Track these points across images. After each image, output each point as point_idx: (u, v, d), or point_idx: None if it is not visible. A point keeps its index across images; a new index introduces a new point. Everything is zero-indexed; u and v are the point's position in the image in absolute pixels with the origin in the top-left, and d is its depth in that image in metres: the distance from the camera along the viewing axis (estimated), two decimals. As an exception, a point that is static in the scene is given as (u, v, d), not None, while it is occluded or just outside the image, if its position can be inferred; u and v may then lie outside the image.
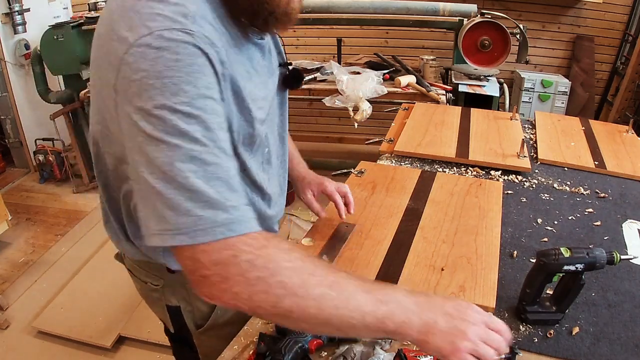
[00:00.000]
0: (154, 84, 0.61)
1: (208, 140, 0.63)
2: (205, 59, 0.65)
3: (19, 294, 2.55)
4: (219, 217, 0.62)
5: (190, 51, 0.63)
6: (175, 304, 1.01)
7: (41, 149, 3.65)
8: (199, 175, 0.62)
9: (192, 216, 0.61)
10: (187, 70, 0.62)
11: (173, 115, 0.61)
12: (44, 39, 3.20)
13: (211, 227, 0.61)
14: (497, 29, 2.63)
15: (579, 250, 0.90)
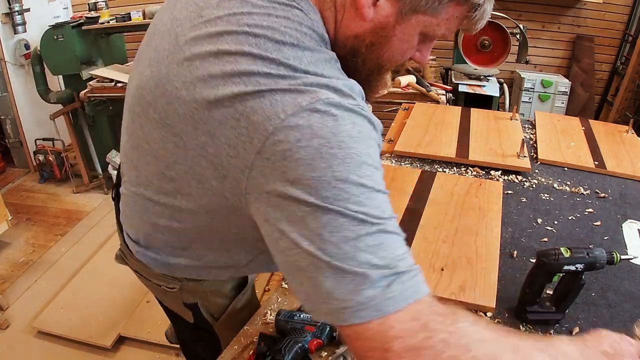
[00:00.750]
0: (336, 154, 0.55)
1: (386, 214, 0.58)
2: (377, 134, 0.62)
3: (19, 294, 2.55)
4: (406, 286, 0.56)
5: (367, 126, 0.60)
6: (193, 301, 1.00)
7: (41, 149, 3.65)
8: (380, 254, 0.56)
9: (375, 288, 0.54)
10: (367, 144, 0.58)
11: (357, 188, 0.56)
12: (44, 39, 3.20)
13: (397, 295, 0.55)
14: (497, 29, 2.63)
15: (579, 250, 0.90)
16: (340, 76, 0.63)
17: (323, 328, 0.88)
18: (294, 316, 0.91)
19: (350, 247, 0.54)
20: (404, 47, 0.70)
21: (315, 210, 0.54)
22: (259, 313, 0.99)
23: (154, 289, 1.03)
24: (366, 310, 0.54)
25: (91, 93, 3.07)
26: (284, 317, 0.91)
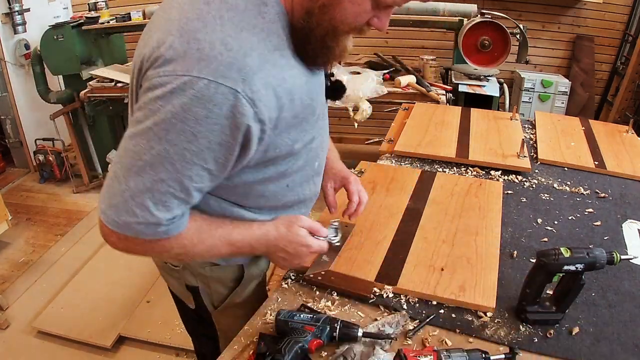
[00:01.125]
0: (176, 124, 0.69)
1: (192, 185, 0.75)
2: (233, 121, 0.70)
3: (19, 294, 2.55)
4: (149, 230, 0.77)
5: (222, 112, 0.69)
6: (194, 284, 1.06)
7: (41, 149, 3.65)
8: (168, 203, 0.75)
9: (126, 223, 0.76)
10: (210, 129, 0.69)
11: (177, 156, 0.71)
12: (44, 39, 3.20)
13: (151, 233, 0.77)
14: (497, 29, 2.63)
15: (579, 250, 0.90)
16: None
17: (323, 328, 0.88)
18: (294, 316, 0.91)
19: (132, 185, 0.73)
20: (356, 10, 0.75)
21: (136, 145, 0.72)
22: (259, 313, 0.99)
23: (162, 268, 1.10)
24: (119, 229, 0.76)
25: (91, 93, 3.07)
26: (284, 317, 0.91)
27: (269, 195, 0.92)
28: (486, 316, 0.96)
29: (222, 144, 0.72)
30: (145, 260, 2.74)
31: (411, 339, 0.91)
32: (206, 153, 0.72)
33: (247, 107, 0.69)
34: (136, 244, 0.79)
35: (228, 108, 0.69)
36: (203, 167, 0.73)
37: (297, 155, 0.88)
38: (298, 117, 0.82)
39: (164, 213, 0.75)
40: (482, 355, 0.82)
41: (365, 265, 1.08)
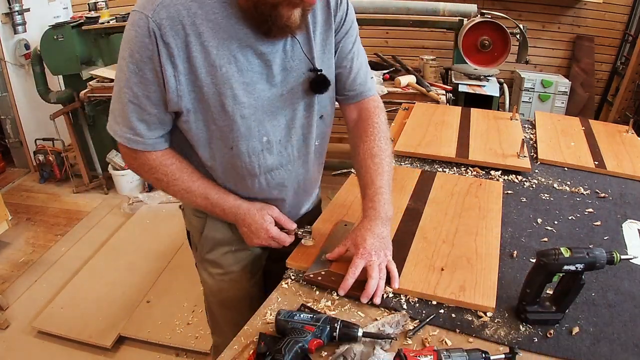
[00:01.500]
0: (124, 45, 0.95)
1: (140, 91, 0.96)
2: (153, 40, 0.90)
3: (19, 294, 2.55)
4: (126, 134, 1.02)
5: (141, 31, 0.90)
6: (188, 228, 1.32)
7: (41, 149, 3.65)
8: (126, 109, 0.99)
9: (117, 125, 1.03)
10: (139, 45, 0.91)
11: (126, 67, 0.94)
12: (44, 39, 3.20)
13: (120, 135, 1.03)
14: (497, 29, 2.63)
15: (579, 250, 0.90)
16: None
17: (323, 328, 0.88)
18: (294, 316, 0.91)
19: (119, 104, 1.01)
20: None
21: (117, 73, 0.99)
22: (259, 313, 0.99)
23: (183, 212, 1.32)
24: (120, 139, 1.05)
25: (91, 93, 3.07)
26: (284, 317, 0.91)
27: (217, 153, 1.05)
28: (486, 316, 0.96)
29: (151, 58, 0.92)
30: (145, 260, 2.75)
31: (411, 339, 0.91)
32: (141, 64, 0.93)
33: (155, 29, 0.89)
34: (132, 157, 1.06)
35: (145, 29, 0.90)
36: (142, 75, 0.94)
37: (231, 115, 0.99)
38: (217, 68, 0.94)
39: (137, 124, 1.00)
40: (482, 355, 0.82)
41: (365, 265, 1.08)
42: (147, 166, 1.07)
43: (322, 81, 1.05)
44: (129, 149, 1.05)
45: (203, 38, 0.92)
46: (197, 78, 0.95)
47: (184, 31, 0.91)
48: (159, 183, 1.09)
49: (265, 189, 1.12)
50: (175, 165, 1.07)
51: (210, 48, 0.93)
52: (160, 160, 1.06)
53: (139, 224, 3.19)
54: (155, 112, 0.99)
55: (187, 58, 0.93)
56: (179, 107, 0.98)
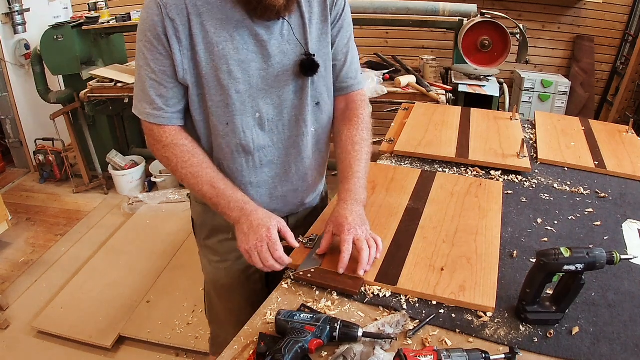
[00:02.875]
0: (139, 27, 1.05)
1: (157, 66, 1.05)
2: (161, 17, 1.00)
3: (19, 294, 2.55)
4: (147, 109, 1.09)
5: (152, 11, 1.01)
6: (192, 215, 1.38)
7: (41, 149, 3.65)
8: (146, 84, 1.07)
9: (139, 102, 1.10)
10: (150, 23, 1.02)
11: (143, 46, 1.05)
12: (44, 39, 3.20)
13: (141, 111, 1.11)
14: (497, 29, 2.63)
15: (579, 250, 0.90)
16: None
17: (323, 328, 0.88)
18: (294, 316, 0.91)
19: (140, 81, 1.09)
20: None
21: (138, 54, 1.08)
22: (259, 313, 0.99)
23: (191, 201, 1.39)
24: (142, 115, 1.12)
25: (91, 93, 3.07)
26: (284, 317, 0.91)
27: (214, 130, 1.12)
28: (486, 316, 0.96)
29: (158, 33, 1.01)
30: (145, 260, 2.75)
31: (411, 339, 0.91)
32: (154, 41, 1.02)
33: (162, 7, 1.00)
34: (150, 133, 1.12)
35: (154, 8, 1.00)
36: (157, 51, 1.03)
37: (227, 89, 1.06)
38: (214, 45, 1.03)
39: (156, 98, 1.07)
40: (482, 355, 0.82)
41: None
42: (160, 143, 1.11)
43: (310, 64, 1.11)
44: (149, 125, 1.11)
45: (202, 18, 1.02)
46: (196, 54, 1.04)
47: (186, 10, 1.01)
48: (169, 163, 1.12)
49: (258, 167, 1.18)
50: (187, 147, 1.11)
51: (209, 27, 1.02)
52: (173, 137, 1.11)
53: (139, 224, 3.19)
54: (172, 86, 1.07)
55: (189, 35, 1.02)
56: (184, 81, 1.06)
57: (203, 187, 1.11)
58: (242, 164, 1.16)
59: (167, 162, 1.13)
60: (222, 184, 1.11)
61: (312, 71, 1.12)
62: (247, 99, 1.09)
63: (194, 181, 1.11)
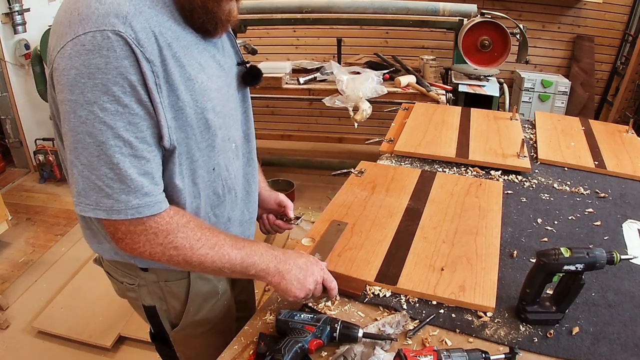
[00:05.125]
0: (86, 83, 0.71)
1: (132, 135, 0.76)
2: (134, 61, 0.73)
3: (19, 294, 2.55)
4: (132, 202, 0.78)
5: (117, 54, 0.71)
6: (151, 303, 1.07)
7: (41, 149, 3.65)
8: (119, 166, 0.76)
9: (110, 199, 0.77)
10: (114, 73, 0.72)
11: (102, 112, 0.73)
12: (44, 39, 3.21)
13: (124, 209, 0.78)
14: (497, 29, 2.63)
15: (579, 250, 0.90)
16: None
17: (323, 328, 0.88)
18: (294, 316, 0.91)
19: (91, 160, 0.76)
20: None
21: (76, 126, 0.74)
22: (259, 313, 0.99)
23: (120, 291, 1.13)
24: (99, 211, 0.78)
25: (91, 93, 3.07)
26: (284, 317, 0.91)
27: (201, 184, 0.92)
28: (486, 316, 0.96)
29: (133, 85, 0.74)
30: (145, 260, 2.75)
31: (411, 339, 0.91)
32: (125, 98, 0.74)
33: (134, 45, 0.72)
34: (138, 233, 0.81)
35: (121, 49, 0.71)
36: (130, 112, 0.75)
37: (213, 130, 0.89)
38: (193, 81, 0.83)
39: (141, 181, 0.78)
40: (482, 355, 0.82)
41: (365, 265, 1.09)
42: (162, 234, 0.82)
43: (256, 71, 1.02)
44: (137, 222, 0.80)
45: (173, 50, 0.79)
46: (178, 99, 0.80)
47: (157, 43, 0.76)
48: (178, 253, 0.84)
49: (235, 199, 1.04)
50: (191, 221, 0.86)
51: (182, 59, 0.81)
52: (175, 219, 0.84)
53: (139, 224, 3.18)
54: (154, 155, 0.80)
55: (166, 77, 0.78)
56: (169, 142, 0.81)
57: (227, 256, 0.88)
58: (227, 203, 1.01)
59: (175, 253, 0.84)
60: (243, 241, 0.92)
61: (258, 79, 1.02)
62: (225, 132, 0.94)
63: (217, 257, 0.87)
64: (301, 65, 3.07)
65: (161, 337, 1.16)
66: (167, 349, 1.18)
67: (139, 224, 0.80)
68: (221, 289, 1.12)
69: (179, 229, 0.84)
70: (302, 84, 2.83)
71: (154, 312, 1.08)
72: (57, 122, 0.83)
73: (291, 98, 2.93)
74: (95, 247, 1.00)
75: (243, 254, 0.89)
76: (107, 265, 1.09)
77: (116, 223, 0.80)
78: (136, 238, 0.81)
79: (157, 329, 1.12)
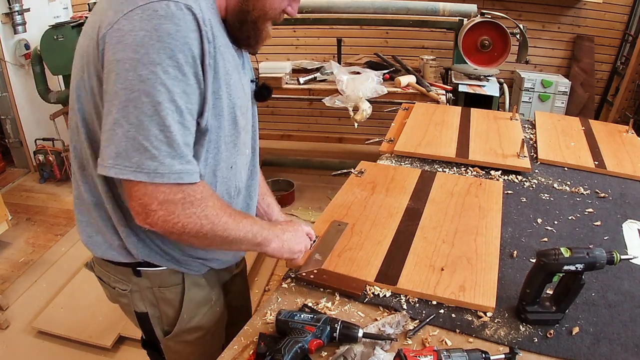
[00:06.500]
0: (154, 45, 0.74)
1: (184, 104, 0.79)
2: (198, 35, 0.78)
3: (19, 294, 2.55)
4: (176, 167, 0.78)
5: (186, 26, 0.76)
6: (143, 310, 1.06)
7: (41, 149, 3.65)
8: (170, 130, 0.77)
9: (155, 161, 0.76)
10: (181, 42, 0.76)
11: (164, 75, 0.75)
12: (44, 39, 3.20)
13: (168, 173, 0.78)
14: (497, 29, 2.62)
15: (579, 250, 0.90)
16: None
17: (323, 328, 0.88)
18: (294, 316, 0.91)
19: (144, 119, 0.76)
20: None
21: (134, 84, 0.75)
22: (259, 313, 0.99)
23: (112, 296, 1.10)
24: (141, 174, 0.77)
25: (91, 93, 3.06)
26: (284, 317, 0.91)
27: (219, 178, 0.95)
28: (486, 316, 0.96)
29: (194, 57, 0.78)
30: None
31: (411, 339, 0.91)
32: (185, 68, 0.77)
33: (201, 23, 0.78)
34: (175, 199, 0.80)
35: (191, 21, 0.77)
36: (187, 82, 0.78)
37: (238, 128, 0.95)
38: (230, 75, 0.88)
39: (185, 149, 0.80)
40: (482, 355, 0.82)
41: (365, 265, 1.09)
42: (197, 202, 0.83)
43: (267, 88, 1.09)
44: (175, 191, 0.80)
45: (218, 43, 0.84)
46: (219, 87, 0.85)
47: (212, 31, 0.82)
48: (209, 221, 0.85)
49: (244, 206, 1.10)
50: (216, 197, 0.90)
51: (224, 54, 0.86)
52: (207, 188, 0.87)
53: (139, 224, 3.18)
54: (194, 131, 0.83)
55: (214, 62, 0.83)
56: (206, 122, 0.85)
57: (241, 224, 0.91)
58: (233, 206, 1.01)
59: (205, 222, 0.85)
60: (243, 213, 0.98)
61: (268, 96, 1.09)
62: (245, 136, 1.00)
63: (234, 224, 0.90)
64: (301, 65, 3.07)
65: (152, 344, 1.15)
66: (157, 355, 1.17)
67: (179, 191, 0.80)
68: (214, 296, 1.13)
69: (209, 198, 0.86)
70: (302, 84, 2.83)
71: (146, 318, 1.07)
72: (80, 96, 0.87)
73: (291, 98, 2.93)
74: (86, 239, 1.01)
75: (250, 222, 0.95)
76: (98, 270, 1.07)
77: (155, 191, 0.78)
78: (172, 208, 0.80)
79: (149, 335, 1.11)
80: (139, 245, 0.95)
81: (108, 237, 0.96)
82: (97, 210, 0.95)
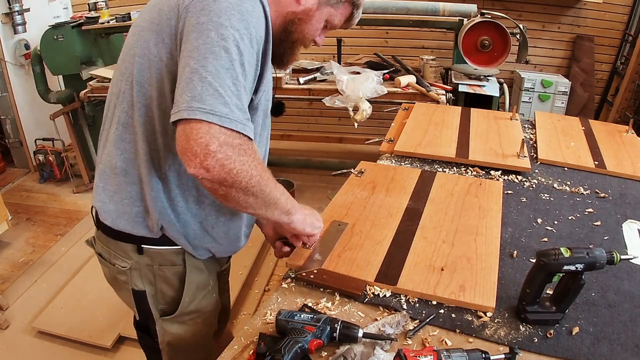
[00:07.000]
0: (235, 15, 0.84)
1: (249, 72, 0.88)
2: (265, 23, 0.91)
3: (19, 294, 2.55)
4: (242, 118, 0.85)
5: (259, 10, 0.89)
6: (141, 288, 1.11)
7: (41, 149, 3.65)
8: (238, 87, 0.84)
9: (227, 108, 0.82)
10: (256, 20, 0.88)
11: (240, 40, 0.84)
12: (44, 39, 3.20)
13: (236, 121, 0.83)
14: (497, 29, 2.62)
15: (579, 250, 0.90)
16: None
17: (323, 328, 0.88)
18: (294, 316, 0.91)
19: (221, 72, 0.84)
20: (316, 27, 1.05)
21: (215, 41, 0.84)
22: (259, 313, 0.99)
23: (110, 274, 1.15)
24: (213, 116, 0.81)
25: (91, 93, 3.07)
26: (284, 317, 0.91)
27: None
28: (486, 316, 0.96)
29: (260, 38, 0.89)
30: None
31: (411, 339, 0.91)
32: (254, 43, 0.88)
33: (268, 15, 0.91)
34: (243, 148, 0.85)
35: (262, 10, 0.90)
36: (252, 55, 0.88)
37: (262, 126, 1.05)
38: (269, 73, 1.01)
39: (240, 98, 0.86)
40: (482, 355, 0.82)
41: (365, 265, 1.09)
42: (249, 152, 0.87)
43: (281, 105, 1.21)
44: (236, 136, 0.84)
45: (269, 42, 0.95)
46: (263, 78, 0.95)
47: (269, 30, 0.94)
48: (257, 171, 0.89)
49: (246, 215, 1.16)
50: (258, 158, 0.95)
51: (268, 50, 0.95)
52: (256, 147, 0.93)
53: (139, 224, 3.18)
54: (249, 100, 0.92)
55: (265, 55, 0.94)
56: (257, 102, 0.98)
57: (274, 191, 0.96)
58: None
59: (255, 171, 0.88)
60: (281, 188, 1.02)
61: (282, 112, 1.23)
62: (265, 136, 1.10)
63: (274, 185, 0.95)
64: (301, 65, 3.07)
65: (144, 327, 1.18)
66: (148, 338, 1.21)
67: (237, 137, 0.84)
68: (212, 282, 1.19)
69: (257, 154, 0.91)
70: (302, 84, 2.83)
71: (143, 297, 1.11)
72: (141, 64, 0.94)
73: (291, 98, 2.93)
74: (99, 205, 1.04)
75: (282, 188, 0.99)
76: (99, 246, 1.12)
77: (219, 132, 0.81)
78: (230, 152, 0.83)
79: (143, 316, 1.14)
80: (163, 211, 1.00)
81: (126, 204, 1.00)
82: (125, 176, 1.00)
